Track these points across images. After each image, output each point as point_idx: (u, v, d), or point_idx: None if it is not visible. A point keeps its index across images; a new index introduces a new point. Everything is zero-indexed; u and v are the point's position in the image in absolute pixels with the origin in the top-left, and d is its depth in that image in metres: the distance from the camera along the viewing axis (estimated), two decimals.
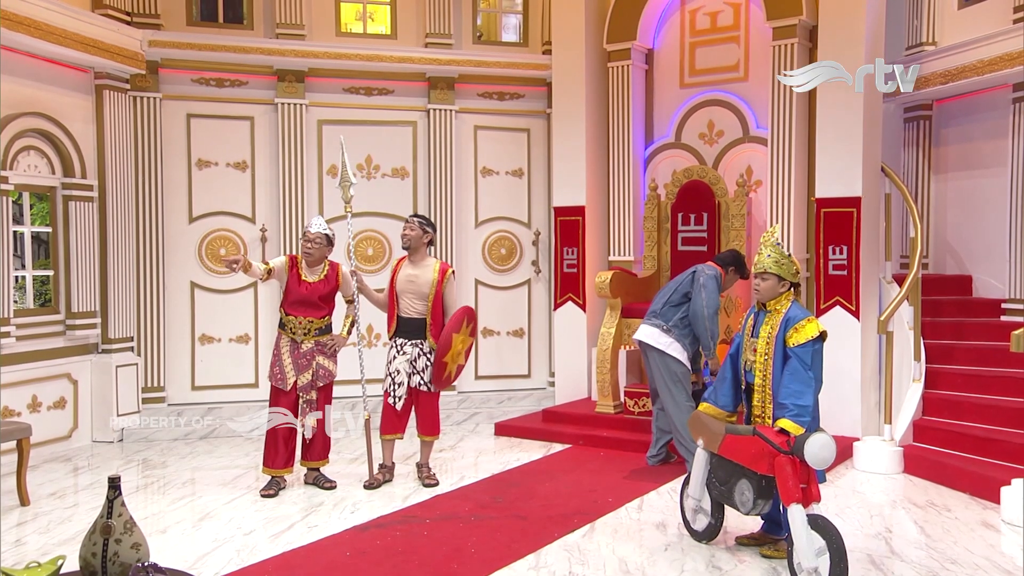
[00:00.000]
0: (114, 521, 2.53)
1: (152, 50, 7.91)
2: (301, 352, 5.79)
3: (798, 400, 4.11)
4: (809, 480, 4.04)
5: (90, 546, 2.54)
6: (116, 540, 2.51)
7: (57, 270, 7.32)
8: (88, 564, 2.53)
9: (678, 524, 5.03)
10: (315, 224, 5.91)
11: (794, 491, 3.96)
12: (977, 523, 5.09)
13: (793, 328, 4.24)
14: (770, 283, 4.38)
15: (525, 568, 4.36)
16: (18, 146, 6.81)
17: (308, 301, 5.80)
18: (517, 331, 9.16)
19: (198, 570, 4.36)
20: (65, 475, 6.46)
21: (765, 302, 4.43)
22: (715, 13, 7.90)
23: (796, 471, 4.00)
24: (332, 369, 5.91)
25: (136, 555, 2.54)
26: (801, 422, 4.07)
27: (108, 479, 2.58)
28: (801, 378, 4.15)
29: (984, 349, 6.97)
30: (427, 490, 5.81)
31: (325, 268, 5.89)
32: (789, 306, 4.37)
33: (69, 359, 7.33)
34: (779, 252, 4.42)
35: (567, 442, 7.15)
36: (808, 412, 4.09)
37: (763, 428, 4.18)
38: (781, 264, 4.38)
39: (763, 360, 4.37)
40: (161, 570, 2.52)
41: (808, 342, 4.20)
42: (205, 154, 8.39)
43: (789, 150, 7.21)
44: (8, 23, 6.33)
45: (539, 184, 9.17)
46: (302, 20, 8.52)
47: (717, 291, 6.02)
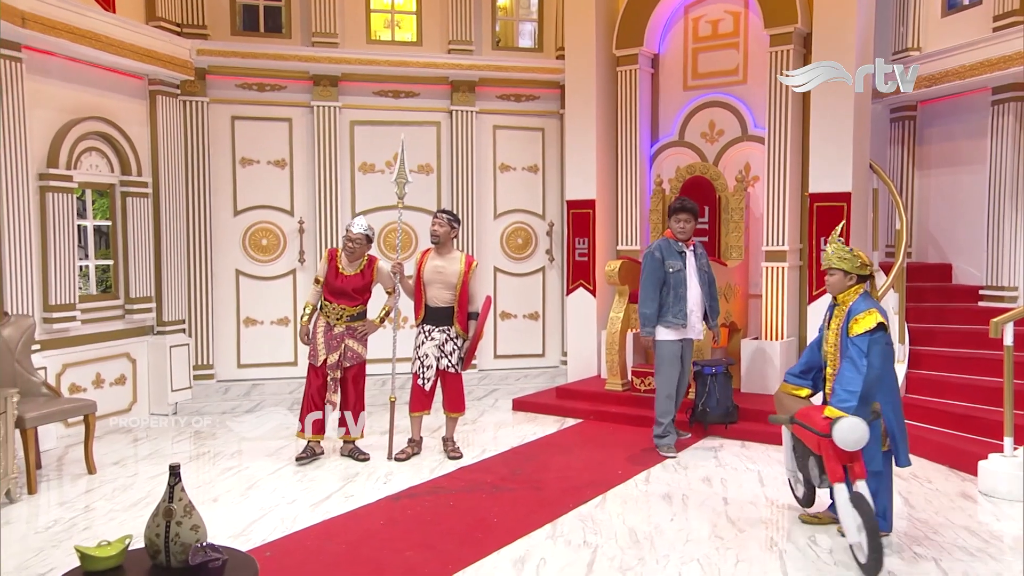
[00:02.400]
0: (175, 505, 2.55)
1: (200, 58, 7.92)
2: (333, 334, 5.84)
3: (847, 386, 3.99)
4: (853, 459, 3.95)
5: (154, 527, 2.56)
6: (177, 522, 2.53)
7: (116, 259, 7.36)
8: (152, 543, 2.55)
9: (682, 496, 5.04)
10: (356, 225, 5.89)
11: (836, 471, 3.93)
12: (957, 494, 5.09)
13: (854, 319, 4.11)
14: (837, 277, 4.26)
15: (543, 537, 4.36)
16: (81, 148, 6.86)
17: (343, 292, 5.85)
18: (532, 314, 9.16)
19: (247, 537, 4.40)
20: (126, 445, 6.53)
21: (835, 295, 4.32)
22: (716, 21, 7.82)
23: (837, 452, 3.92)
24: (359, 351, 5.93)
25: (195, 536, 2.56)
26: (845, 407, 3.93)
27: (169, 467, 2.60)
28: (855, 365, 4.02)
29: (963, 332, 6.93)
30: (452, 462, 5.83)
31: (363, 263, 5.90)
32: (856, 299, 4.20)
33: (128, 340, 7.39)
34: (841, 248, 4.28)
35: (579, 417, 7.16)
36: (854, 398, 3.95)
37: (810, 414, 4.10)
38: (844, 259, 4.23)
39: (832, 351, 4.30)
40: (217, 549, 2.54)
41: (865, 332, 4.05)
42: (248, 153, 8.40)
43: (785, 148, 7.15)
44: (73, 36, 6.40)
45: (553, 179, 9.13)
46: (336, 29, 8.49)
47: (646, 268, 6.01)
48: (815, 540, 4.28)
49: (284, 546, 4.26)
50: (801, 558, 4.06)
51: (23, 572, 4.00)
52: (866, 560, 3.78)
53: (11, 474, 5.03)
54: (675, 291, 5.91)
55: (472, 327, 5.90)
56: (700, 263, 6.09)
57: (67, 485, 5.50)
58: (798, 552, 4.13)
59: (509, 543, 4.25)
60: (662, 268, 5.93)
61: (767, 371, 7.02)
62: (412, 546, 4.22)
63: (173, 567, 2.53)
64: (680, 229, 5.98)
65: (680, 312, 5.92)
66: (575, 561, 4.01)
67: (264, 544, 4.28)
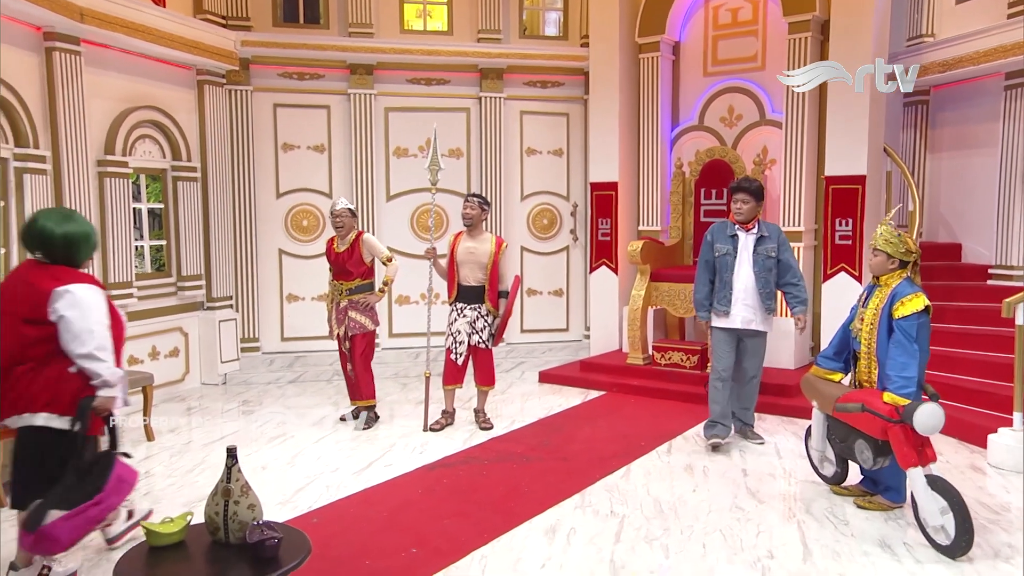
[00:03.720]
0: (232, 485, 2.54)
1: (244, 49, 7.87)
2: (340, 309, 5.92)
3: (903, 372, 3.84)
4: (924, 443, 3.81)
5: (213, 506, 2.55)
6: (235, 502, 2.52)
7: (169, 240, 7.39)
8: (212, 521, 2.54)
9: (703, 467, 4.99)
10: (340, 203, 5.96)
11: (911, 456, 3.76)
12: (967, 466, 5.01)
13: (899, 302, 3.93)
14: (880, 259, 4.08)
15: (572, 507, 4.32)
16: (135, 135, 6.87)
17: (339, 268, 5.93)
18: (557, 291, 9.10)
19: (294, 504, 4.42)
20: (180, 414, 6.59)
21: (878, 276, 4.14)
22: (736, 9, 7.62)
23: (910, 438, 3.76)
24: (361, 321, 5.92)
25: (252, 514, 2.55)
26: (905, 393, 3.80)
27: (227, 449, 2.58)
28: (906, 350, 3.86)
29: (973, 309, 6.79)
30: (483, 433, 5.81)
31: (351, 239, 5.91)
32: (900, 282, 4.03)
33: (180, 315, 7.44)
34: (889, 232, 4.08)
35: (602, 389, 7.11)
36: (913, 383, 3.82)
37: (871, 400, 3.90)
38: (889, 242, 4.05)
39: (868, 329, 4.11)
40: (273, 527, 2.53)
41: (913, 315, 3.88)
42: (289, 139, 8.37)
43: (801, 132, 6.99)
44: (127, 30, 6.39)
45: (577, 162, 9.01)
46: (371, 20, 8.39)
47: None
48: (833, 512, 4.22)
49: (329, 513, 4.27)
50: (820, 529, 4.00)
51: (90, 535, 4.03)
52: (952, 541, 3.62)
53: None
54: (721, 276, 5.31)
55: (502, 305, 5.85)
56: (761, 247, 5.26)
57: (128, 451, 5.53)
58: (817, 524, 4.07)
59: (540, 512, 4.23)
60: (711, 251, 5.38)
61: (782, 346, 6.91)
62: (449, 514, 4.22)
63: (231, 543, 2.52)
64: (736, 210, 5.27)
65: (724, 299, 5.29)
66: (603, 531, 3.98)
67: (310, 511, 4.30)
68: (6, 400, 3.17)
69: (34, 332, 3.14)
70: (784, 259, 5.33)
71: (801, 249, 7.00)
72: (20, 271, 3.32)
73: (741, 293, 5.27)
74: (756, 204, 5.28)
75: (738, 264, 5.29)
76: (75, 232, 3.29)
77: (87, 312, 3.15)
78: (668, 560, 3.65)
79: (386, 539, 3.89)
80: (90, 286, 3.25)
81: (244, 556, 2.44)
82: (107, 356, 3.19)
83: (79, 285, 3.19)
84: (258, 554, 2.41)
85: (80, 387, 3.19)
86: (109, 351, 3.21)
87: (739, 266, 5.28)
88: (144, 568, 2.40)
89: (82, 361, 3.15)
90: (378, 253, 5.93)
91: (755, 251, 5.27)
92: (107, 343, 3.21)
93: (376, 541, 3.86)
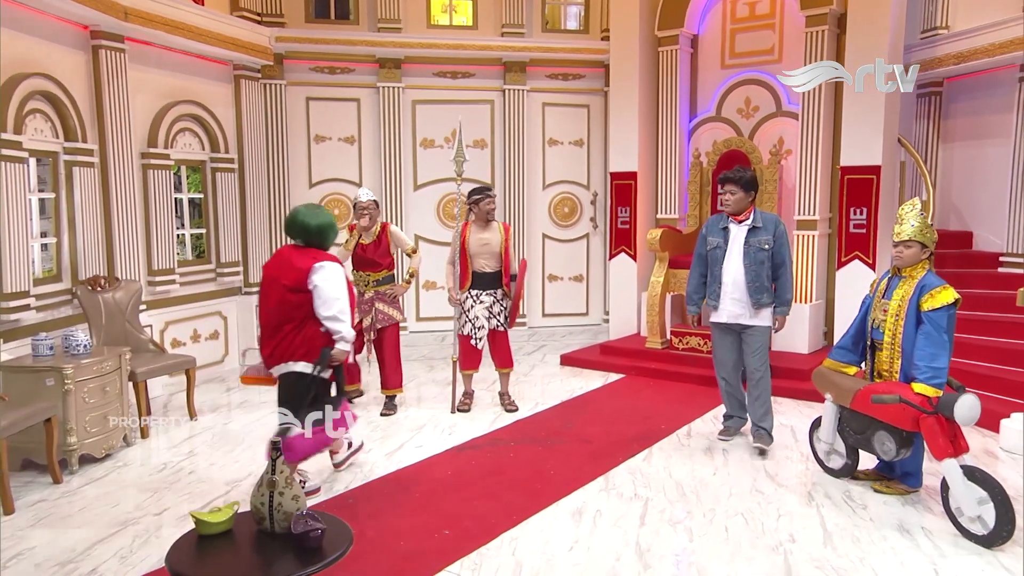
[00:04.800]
0: (277, 477, 2.49)
1: (278, 44, 7.80)
2: (364, 299, 5.72)
3: (932, 363, 3.69)
4: (956, 434, 3.66)
5: (259, 496, 2.52)
6: (279, 493, 2.48)
7: (208, 228, 7.36)
8: (258, 511, 2.51)
9: (722, 450, 4.91)
10: (364, 195, 5.73)
11: (946, 447, 3.60)
12: (980, 451, 4.89)
13: (928, 294, 3.76)
14: (914, 251, 3.84)
15: (596, 489, 4.26)
16: (176, 128, 6.82)
17: (366, 260, 5.72)
18: (577, 277, 9.02)
19: (330, 484, 4.40)
20: (220, 394, 6.60)
21: (904, 268, 3.92)
22: (753, 3, 7.42)
23: (944, 429, 3.62)
24: (391, 314, 5.80)
25: (296, 505, 2.51)
26: (936, 384, 3.67)
27: (271, 442, 2.54)
28: (936, 341, 3.70)
29: (984, 296, 6.61)
30: (508, 415, 5.76)
31: (377, 229, 5.75)
32: (924, 273, 3.84)
33: (220, 300, 7.43)
34: (922, 221, 3.83)
35: (621, 372, 7.03)
36: (943, 374, 3.68)
37: (905, 392, 3.73)
38: (924, 232, 3.81)
39: (893, 320, 3.91)
40: (317, 518, 2.48)
41: (943, 307, 3.72)
42: (321, 130, 8.31)
43: (817, 123, 6.82)
44: (168, 28, 6.34)
45: (597, 152, 8.89)
46: (399, 15, 8.29)
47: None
48: (851, 496, 4.14)
49: (365, 493, 4.25)
50: (838, 513, 3.92)
51: (140, 511, 4.05)
52: (991, 531, 3.49)
53: (127, 421, 5.10)
54: (711, 270, 4.92)
55: (513, 287, 5.79)
56: (753, 239, 4.77)
57: (173, 430, 5.57)
58: (835, 508, 3.99)
59: (566, 495, 4.17)
60: (704, 244, 4.99)
61: (797, 331, 6.79)
62: (479, 495, 4.17)
63: (277, 533, 2.49)
64: (724, 202, 4.85)
65: (714, 293, 4.91)
66: (628, 513, 3.93)
67: (347, 491, 4.28)
68: (273, 353, 3.92)
69: (296, 298, 3.84)
70: (778, 255, 4.79)
71: (816, 238, 6.87)
72: (283, 253, 4.01)
73: (729, 287, 4.84)
74: (745, 195, 4.79)
75: (728, 257, 4.85)
76: (324, 223, 3.97)
77: (334, 284, 3.83)
78: (692, 543, 3.59)
79: (419, 521, 3.85)
80: (335, 264, 3.92)
81: (289, 546, 2.40)
82: (346, 318, 3.88)
83: (329, 263, 3.88)
84: (303, 544, 2.38)
85: (325, 343, 3.89)
86: (348, 315, 3.90)
87: (728, 259, 4.84)
88: (195, 555, 2.38)
89: (328, 322, 3.84)
90: (404, 245, 5.83)
91: (746, 243, 4.79)
92: (347, 308, 3.89)
93: (410, 523, 3.83)
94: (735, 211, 4.84)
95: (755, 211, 4.87)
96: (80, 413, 4.65)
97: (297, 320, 3.85)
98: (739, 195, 4.79)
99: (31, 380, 4.56)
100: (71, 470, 4.63)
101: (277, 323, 3.89)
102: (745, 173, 4.82)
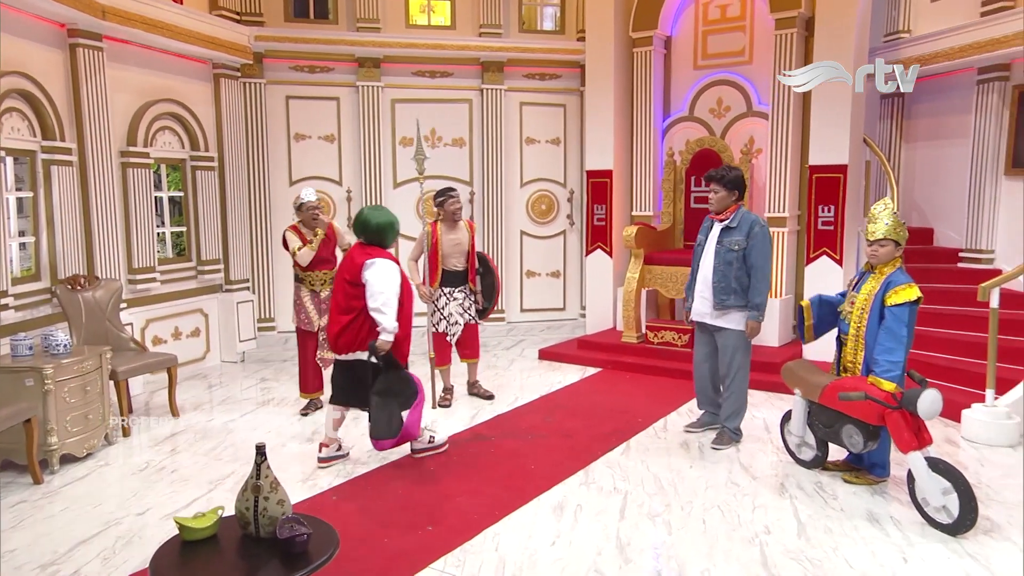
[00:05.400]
0: (262, 482, 2.42)
1: (257, 43, 7.64)
2: (321, 299, 5.60)
3: (890, 357, 3.70)
4: (920, 428, 3.67)
5: (244, 501, 2.44)
6: (264, 497, 2.40)
7: (189, 226, 7.22)
8: (243, 516, 2.43)
9: (698, 444, 4.90)
10: (311, 194, 5.57)
11: (911, 441, 3.61)
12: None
13: (893, 290, 3.76)
14: (888, 249, 3.83)
15: (577, 483, 4.23)
16: (156, 127, 6.67)
17: (321, 258, 5.58)
18: (554, 272, 8.98)
19: (314, 482, 4.32)
20: (203, 391, 6.47)
21: (879, 265, 3.90)
22: (725, 5, 7.42)
23: (908, 423, 3.64)
24: None
25: (281, 510, 2.44)
26: (890, 377, 3.68)
27: (256, 447, 2.46)
28: (895, 336, 3.71)
29: (945, 291, 6.70)
30: (490, 409, 5.70)
31: (325, 227, 5.61)
32: (894, 271, 3.84)
33: (201, 297, 7.29)
34: (894, 219, 3.82)
35: (598, 366, 7.02)
36: (899, 368, 3.69)
37: (869, 388, 3.72)
38: (897, 231, 3.81)
39: (859, 313, 3.92)
40: (302, 521, 2.42)
41: (906, 303, 3.72)
42: (301, 129, 8.17)
43: (787, 123, 6.84)
44: (146, 26, 6.17)
45: (573, 151, 8.85)
46: (377, 15, 8.16)
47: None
48: (822, 487, 4.15)
49: (348, 491, 4.18)
50: (811, 504, 3.93)
51: (123, 511, 3.94)
52: (955, 520, 3.51)
53: (108, 421, 4.97)
54: (693, 267, 4.90)
55: (478, 282, 5.81)
56: (726, 239, 4.67)
57: (155, 428, 5.45)
58: (808, 499, 4.00)
59: (547, 489, 4.13)
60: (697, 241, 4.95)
61: (766, 326, 6.73)
62: (462, 492, 4.12)
63: (262, 538, 2.41)
64: (709, 201, 4.77)
65: (690, 289, 4.89)
66: (608, 508, 3.90)
67: (330, 489, 4.21)
68: (341, 341, 4.26)
69: (355, 291, 4.19)
70: (749, 256, 4.62)
71: (785, 234, 6.90)
72: (351, 250, 4.35)
73: (700, 284, 4.79)
74: (727, 194, 4.66)
75: (704, 255, 4.79)
76: (383, 222, 4.29)
77: (381, 278, 4.12)
78: (671, 537, 3.57)
79: (403, 517, 3.79)
80: (389, 261, 4.22)
81: (275, 551, 2.33)
82: (389, 311, 4.12)
83: (380, 259, 4.18)
84: (288, 549, 2.31)
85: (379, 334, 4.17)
86: (392, 308, 4.13)
87: (704, 257, 4.78)
88: (179, 562, 2.30)
89: (373, 313, 4.14)
90: (344, 242, 5.68)
91: (719, 242, 4.69)
92: (392, 302, 4.13)
93: (394, 519, 3.77)
94: (717, 210, 4.75)
95: (737, 212, 4.73)
96: (61, 413, 4.52)
97: (356, 311, 4.19)
98: (721, 194, 4.68)
99: (10, 381, 4.42)
100: (52, 470, 4.49)
101: (343, 314, 4.24)
102: (728, 173, 4.69)
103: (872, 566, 3.28)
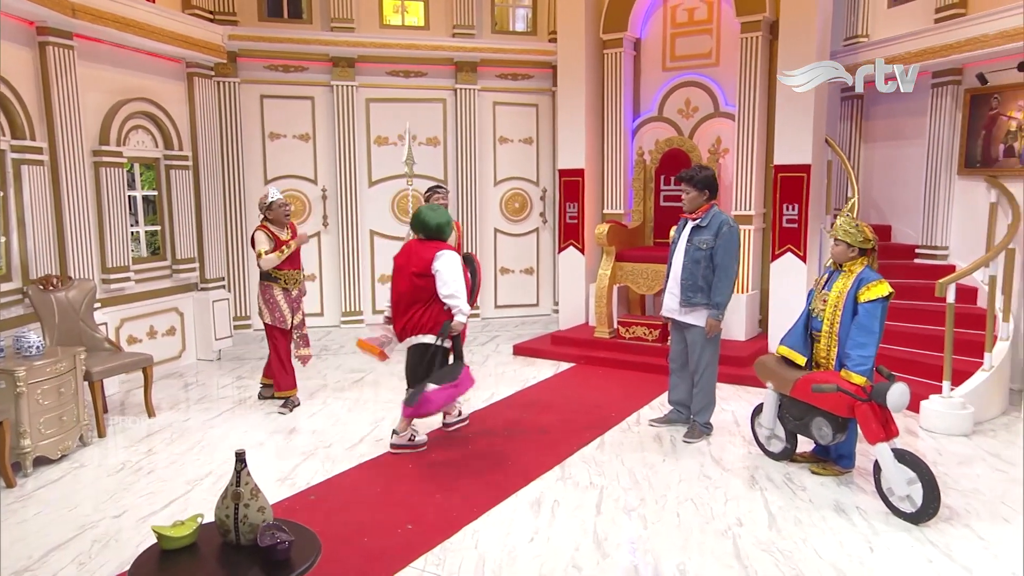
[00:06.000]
0: (242, 489, 2.33)
1: (231, 43, 7.47)
2: (292, 297, 5.54)
3: (861, 351, 3.74)
4: (888, 420, 3.71)
5: (224, 508, 2.35)
6: (245, 505, 2.32)
7: (163, 225, 7.02)
8: (223, 523, 2.34)
9: (670, 437, 4.90)
10: (278, 193, 5.51)
11: (879, 432, 3.66)
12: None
13: (865, 287, 3.82)
14: (840, 248, 3.95)
15: (554, 479, 4.20)
16: (129, 126, 6.46)
17: (293, 257, 5.53)
18: (527, 269, 8.94)
19: (292, 481, 4.22)
20: (178, 389, 6.31)
21: (840, 263, 4.00)
22: (692, 9, 7.41)
23: (877, 415, 3.68)
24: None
25: (262, 517, 2.35)
26: (862, 371, 3.72)
27: (235, 453, 2.37)
28: (867, 331, 3.75)
29: (902, 286, 6.74)
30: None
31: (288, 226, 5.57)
32: (863, 269, 3.91)
33: (176, 296, 7.11)
34: (849, 223, 3.95)
35: (572, 361, 7.00)
36: (870, 362, 3.73)
37: (840, 381, 3.77)
38: (848, 232, 3.92)
39: (831, 310, 3.96)
40: (283, 528, 2.34)
41: (878, 299, 3.78)
42: (275, 128, 8.01)
43: (752, 124, 6.88)
44: (118, 25, 5.97)
45: (546, 150, 8.81)
46: (352, 15, 8.02)
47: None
48: (791, 478, 4.17)
49: (326, 489, 4.09)
50: (780, 495, 3.95)
51: (99, 514, 3.82)
52: (919, 508, 3.56)
53: (83, 422, 4.82)
54: (668, 265, 4.90)
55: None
56: (696, 238, 4.66)
57: (131, 428, 5.30)
58: (777, 490, 4.01)
59: (524, 485, 4.09)
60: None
61: (733, 321, 6.86)
62: (440, 489, 4.06)
63: (242, 545, 2.33)
64: (682, 200, 4.75)
65: (664, 286, 4.96)
66: (584, 502, 3.88)
67: (308, 487, 4.12)
68: (404, 328, 4.52)
69: (423, 283, 4.44)
70: (716, 256, 4.61)
71: (752, 232, 6.94)
72: (410, 246, 4.59)
73: (671, 282, 4.80)
74: (698, 194, 4.64)
75: (676, 253, 4.79)
76: (442, 221, 4.56)
77: (452, 268, 4.42)
78: (647, 531, 3.55)
79: (382, 516, 3.72)
80: (453, 252, 4.49)
81: (256, 559, 2.25)
82: (462, 295, 4.44)
83: (447, 251, 4.46)
84: (270, 557, 2.23)
85: (446, 318, 4.46)
86: (463, 292, 4.46)
87: (675, 255, 4.79)
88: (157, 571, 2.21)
89: (447, 299, 4.42)
90: (305, 240, 5.59)
91: (689, 241, 4.69)
92: (463, 288, 4.46)
93: (373, 518, 3.70)
94: (689, 209, 4.74)
95: (709, 211, 4.70)
96: (34, 415, 4.36)
97: (423, 300, 4.45)
98: (692, 194, 4.67)
99: None
100: (25, 473, 4.34)
101: (408, 303, 4.47)
102: (698, 173, 4.66)
103: (840, 556, 3.30)
